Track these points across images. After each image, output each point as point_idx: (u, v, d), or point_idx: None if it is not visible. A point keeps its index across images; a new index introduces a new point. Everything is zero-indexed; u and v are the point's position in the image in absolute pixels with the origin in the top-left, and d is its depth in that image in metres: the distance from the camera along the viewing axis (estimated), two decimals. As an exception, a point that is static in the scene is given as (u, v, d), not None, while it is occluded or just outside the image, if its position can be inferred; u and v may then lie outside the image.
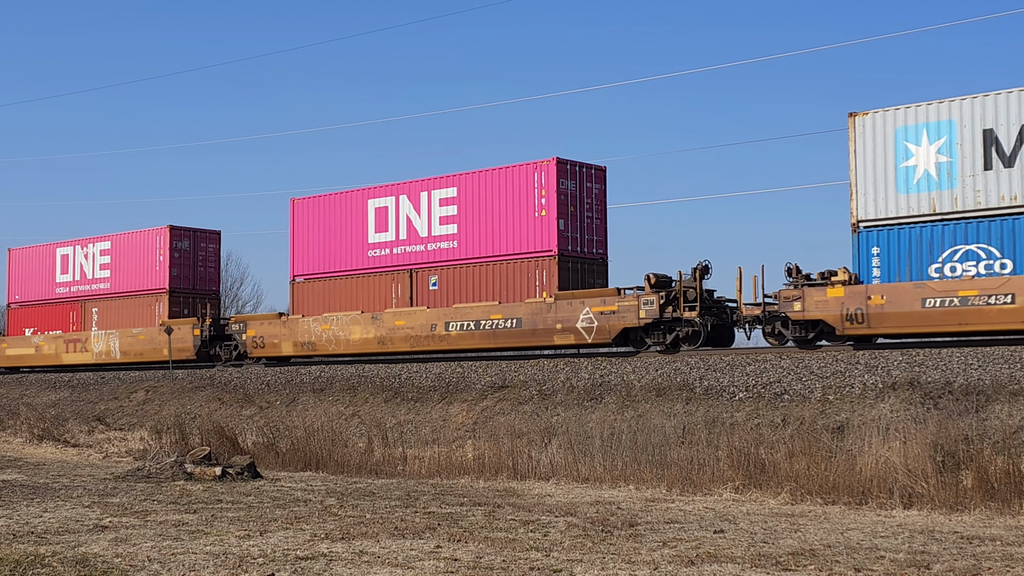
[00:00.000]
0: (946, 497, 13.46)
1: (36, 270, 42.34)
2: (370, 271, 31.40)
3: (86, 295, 40.25)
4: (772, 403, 20.82)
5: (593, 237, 28.55)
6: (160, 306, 37.51)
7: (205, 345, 35.31)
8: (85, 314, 40.18)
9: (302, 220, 33.42)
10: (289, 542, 10.66)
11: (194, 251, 38.50)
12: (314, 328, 31.89)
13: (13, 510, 13.25)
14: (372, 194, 31.72)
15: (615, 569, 9.21)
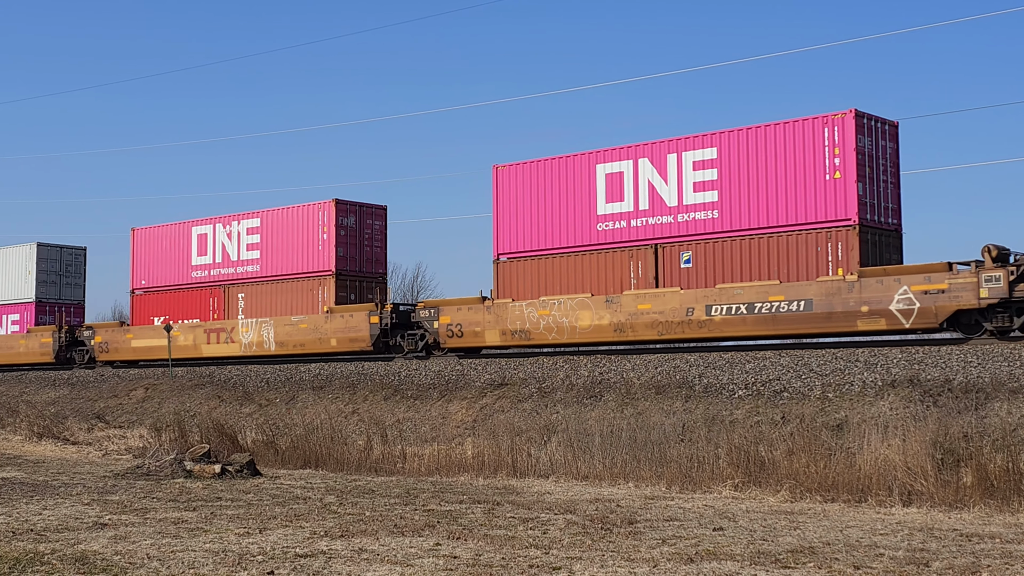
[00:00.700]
0: (945, 495, 13.47)
1: (166, 252, 37.67)
2: (599, 247, 26.98)
3: (230, 279, 35.42)
4: (771, 401, 20.82)
5: (889, 205, 24.72)
6: (324, 290, 32.66)
7: (385, 335, 30.62)
8: (228, 301, 35.33)
9: (507, 190, 28.87)
10: (288, 540, 10.66)
11: (360, 228, 33.64)
12: (529, 314, 27.56)
13: (12, 508, 13.25)
14: (601, 158, 27.22)
15: (614, 567, 9.21)
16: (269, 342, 33.54)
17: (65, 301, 44.13)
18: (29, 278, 43.23)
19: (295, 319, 32.93)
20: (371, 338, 30.85)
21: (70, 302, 44.27)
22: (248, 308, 34.73)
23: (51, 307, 43.43)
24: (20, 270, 43.65)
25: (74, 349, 40.41)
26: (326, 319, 31.96)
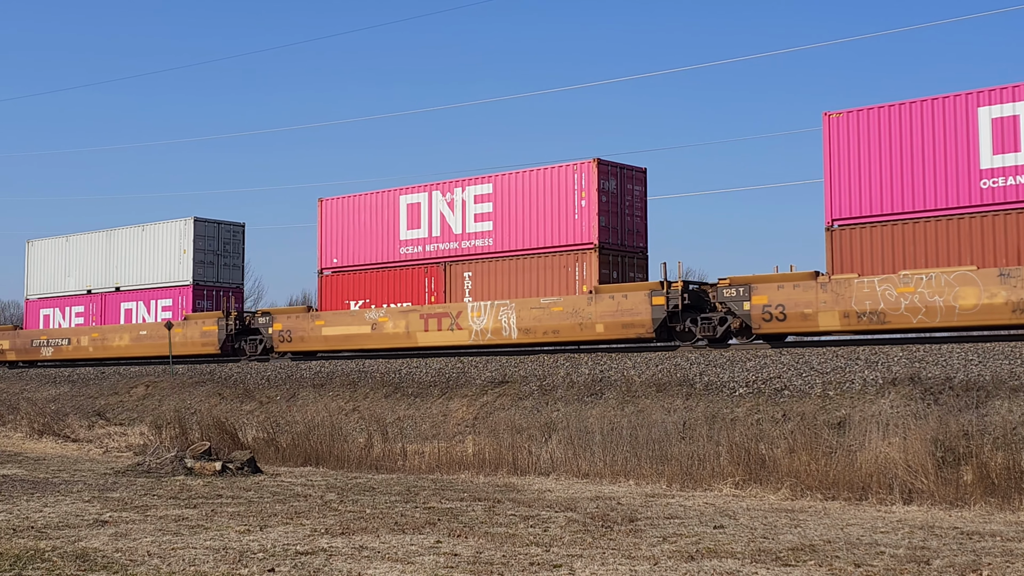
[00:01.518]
0: (946, 493, 13.47)
1: (366, 225, 31.99)
2: (985, 209, 22.28)
3: (452, 255, 29.82)
4: (772, 399, 20.82)
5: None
6: (583, 267, 27.52)
7: (671, 318, 25.95)
8: (450, 281, 29.75)
9: (842, 141, 24.23)
10: (289, 537, 10.66)
11: (621, 194, 28.46)
12: (883, 292, 22.98)
13: (13, 505, 13.25)
14: (985, 99, 22.82)
15: (615, 564, 9.21)
16: (510, 328, 27.97)
17: (223, 284, 38.41)
18: (185, 258, 37.51)
19: (545, 301, 27.68)
20: (652, 323, 26.00)
21: (228, 285, 38.47)
22: (477, 289, 29.15)
23: (209, 291, 37.77)
24: (174, 249, 37.90)
25: (244, 339, 34.62)
26: (589, 300, 26.84)
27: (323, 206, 32.98)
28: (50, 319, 41.31)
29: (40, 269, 42.15)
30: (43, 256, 42.18)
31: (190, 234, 37.55)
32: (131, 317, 38.58)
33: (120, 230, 39.83)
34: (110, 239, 39.96)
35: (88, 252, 40.64)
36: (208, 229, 38.23)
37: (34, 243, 42.63)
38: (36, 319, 42.04)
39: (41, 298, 42.00)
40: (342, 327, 31.21)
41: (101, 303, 39.74)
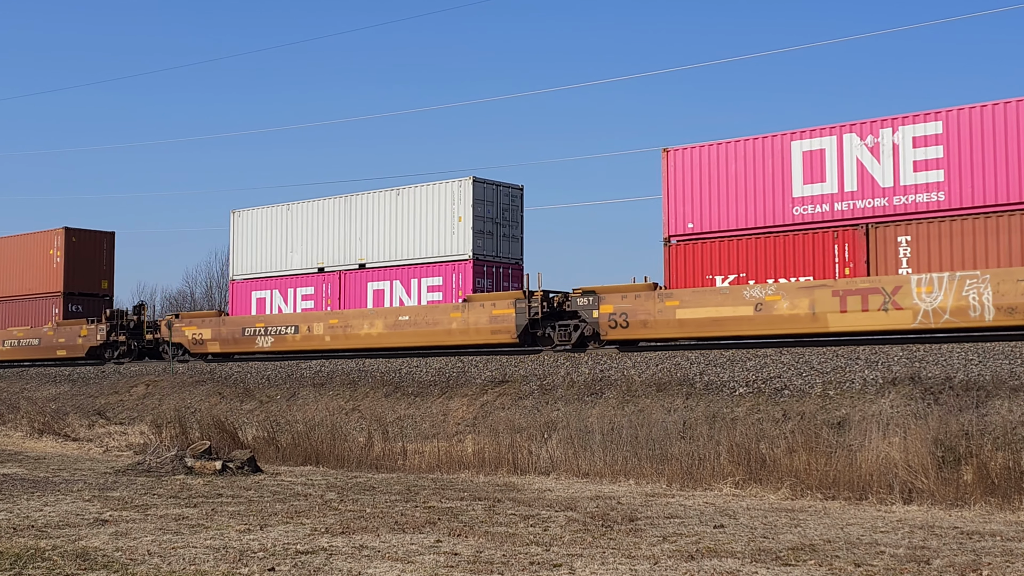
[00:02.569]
0: (946, 492, 13.47)
1: (738, 180, 26.00)
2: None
3: (878, 215, 24.19)
4: (772, 398, 20.82)
5: None
6: None
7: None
8: (876, 247, 23.95)
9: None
10: (289, 536, 10.66)
11: None
12: None
13: (13, 504, 13.25)
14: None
15: (615, 564, 9.21)
16: (982, 308, 21.55)
17: (503, 260, 31.35)
18: (460, 227, 30.46)
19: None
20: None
21: (507, 261, 31.49)
22: (917, 258, 23.38)
23: (489, 267, 30.91)
24: (445, 216, 30.88)
25: (550, 324, 28.12)
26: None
27: (669, 158, 27.18)
28: (266, 303, 34.57)
29: (251, 244, 35.39)
30: (256, 229, 35.42)
31: (468, 197, 30.36)
32: (382, 300, 31.69)
33: (367, 195, 32.74)
34: (351, 206, 33.02)
35: (319, 222, 33.76)
36: (486, 192, 30.97)
37: (241, 213, 35.76)
38: (245, 303, 35.24)
39: (253, 278, 35.14)
40: (707, 308, 25.02)
41: (339, 283, 32.90)
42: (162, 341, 36.88)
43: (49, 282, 41.41)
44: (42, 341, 40.39)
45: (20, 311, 42.35)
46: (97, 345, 38.57)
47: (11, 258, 43.00)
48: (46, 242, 41.80)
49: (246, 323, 34.30)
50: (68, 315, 40.66)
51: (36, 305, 41.80)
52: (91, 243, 42.02)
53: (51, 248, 41.51)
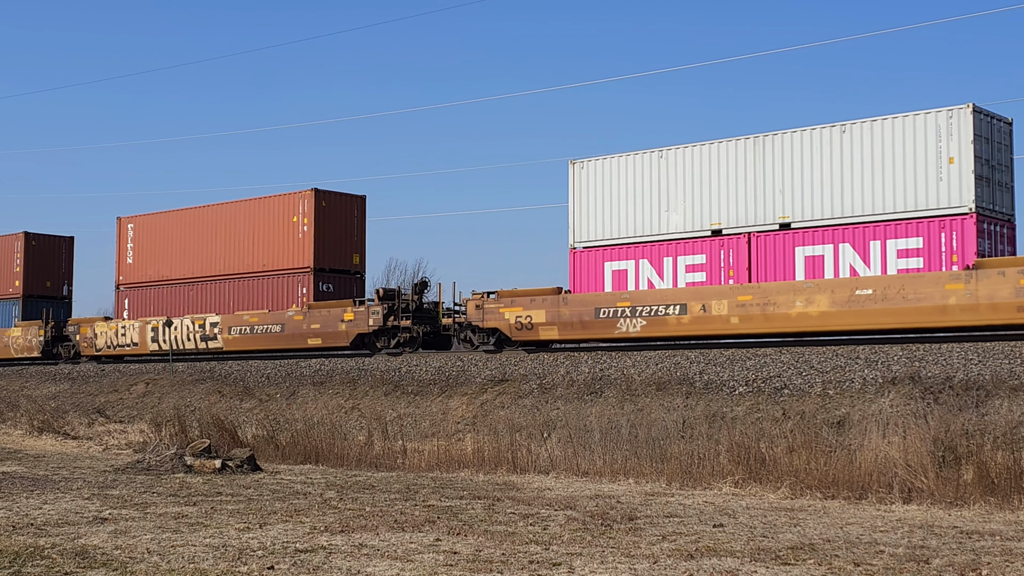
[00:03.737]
0: (946, 492, 13.47)
1: None
2: None
3: None
4: (772, 397, 20.82)
5: None
6: None
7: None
8: None
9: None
10: (289, 535, 10.66)
11: None
12: None
13: (13, 502, 13.25)
14: None
15: (614, 563, 9.21)
16: None
17: (999, 215, 23.74)
18: (952, 172, 22.97)
19: None
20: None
21: (1001, 217, 23.81)
22: None
23: (991, 224, 23.30)
24: (928, 155, 23.26)
25: None
26: None
27: None
28: (628, 277, 27.20)
29: (603, 203, 27.98)
30: (609, 183, 27.97)
31: (964, 130, 22.88)
32: (818, 269, 24.42)
33: (790, 134, 25.47)
34: (762, 149, 25.67)
35: (712, 172, 26.47)
36: (981, 124, 23.23)
37: (586, 165, 28.40)
38: (594, 278, 27.85)
39: (606, 246, 27.75)
40: None
41: (746, 249, 25.59)
42: (465, 326, 29.23)
43: (294, 255, 33.34)
44: (287, 327, 32.54)
45: (253, 292, 34.22)
46: (368, 332, 30.74)
47: (242, 227, 35.06)
48: (289, 207, 33.69)
49: (601, 302, 26.82)
50: (319, 296, 32.85)
51: (275, 284, 33.72)
52: (343, 208, 33.87)
53: (295, 214, 33.39)
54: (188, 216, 37.17)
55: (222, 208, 36.15)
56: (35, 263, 42.55)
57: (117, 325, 37.98)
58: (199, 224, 36.60)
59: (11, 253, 42.66)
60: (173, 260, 37.17)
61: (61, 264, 43.58)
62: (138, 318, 37.47)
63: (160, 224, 38.05)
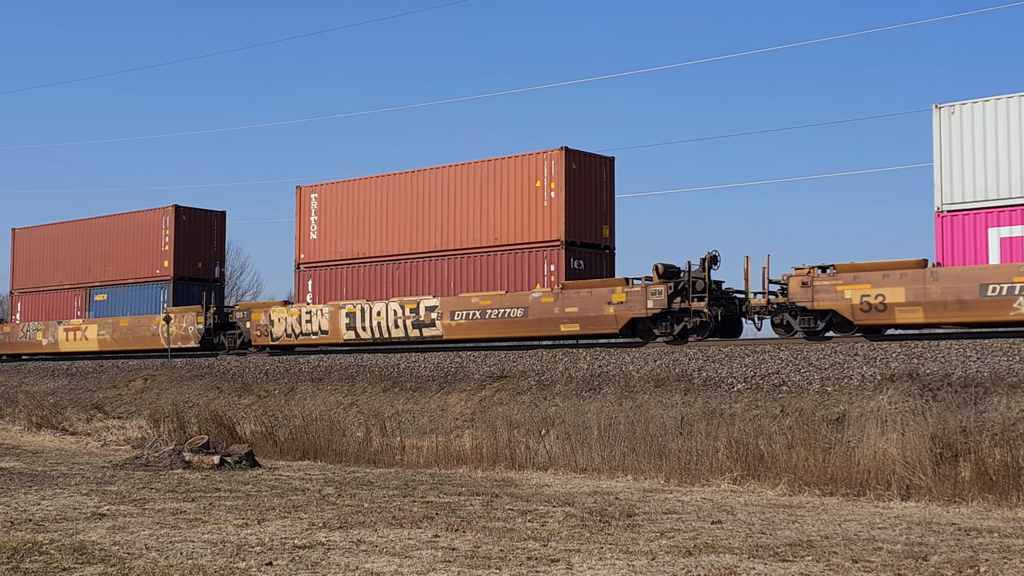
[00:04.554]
0: (944, 489, 13.48)
1: None
2: None
3: None
4: (770, 394, 20.82)
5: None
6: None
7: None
8: None
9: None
10: (287, 531, 10.66)
11: None
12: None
13: (11, 498, 13.25)
14: None
15: (613, 559, 9.21)
16: None
17: None
18: None
19: None
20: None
21: None
22: None
23: None
24: None
25: None
26: None
27: None
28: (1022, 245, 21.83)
29: (978, 156, 22.69)
30: (996, 127, 22.68)
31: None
32: None
33: None
34: None
35: None
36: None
37: (956, 108, 22.90)
38: (974, 247, 22.52)
39: (993, 207, 22.41)
40: None
41: None
42: (783, 308, 24.18)
43: (538, 227, 27.81)
44: (532, 311, 27.02)
45: (482, 271, 28.66)
46: (645, 316, 25.55)
47: (467, 194, 29.31)
48: (532, 169, 28.11)
49: (990, 276, 21.62)
50: (571, 275, 27.51)
51: (513, 261, 28.15)
52: (593, 171, 28.69)
53: (539, 178, 28.02)
54: (392, 183, 30.97)
55: (440, 172, 30.05)
56: (186, 241, 36.63)
57: (300, 311, 31.44)
58: (408, 192, 30.47)
59: (158, 230, 36.84)
60: (372, 235, 31.04)
61: (213, 242, 37.83)
62: (326, 302, 31.32)
63: (353, 194, 31.73)
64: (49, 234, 41.01)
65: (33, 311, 40.81)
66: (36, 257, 41.07)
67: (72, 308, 39.39)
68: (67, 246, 39.96)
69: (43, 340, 39.52)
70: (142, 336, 36.23)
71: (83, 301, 39.05)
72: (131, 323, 36.70)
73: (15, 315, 41.69)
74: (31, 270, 41.15)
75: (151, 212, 37.36)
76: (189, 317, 34.67)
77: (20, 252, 41.73)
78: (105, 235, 38.60)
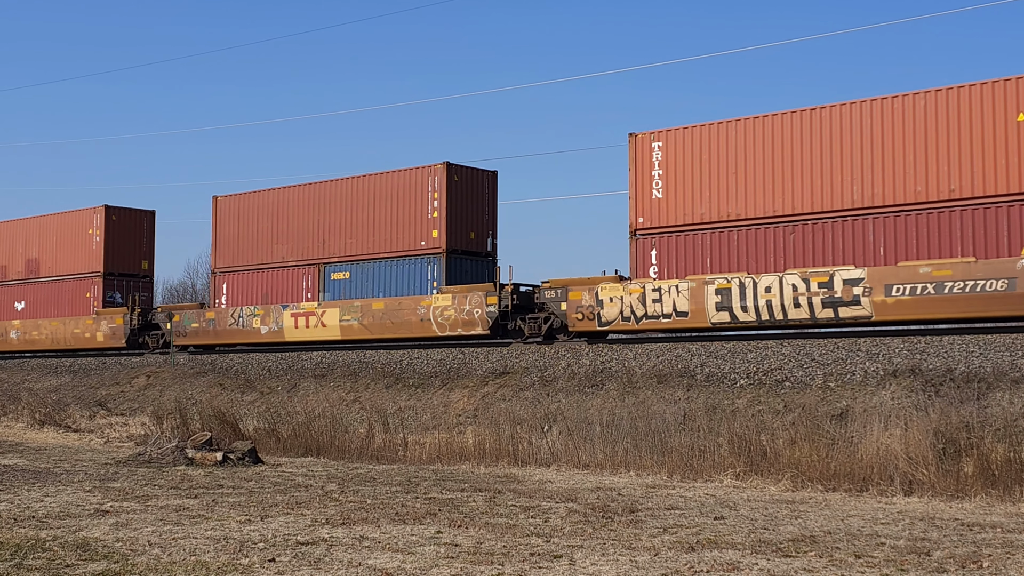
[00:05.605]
0: (947, 484, 13.47)
1: None
2: None
3: None
4: (773, 390, 20.81)
5: None
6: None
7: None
8: None
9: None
10: (290, 527, 10.67)
11: None
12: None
13: (14, 494, 13.26)
14: None
15: (615, 555, 9.21)
16: None
17: None
18: None
19: None
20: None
21: None
22: None
23: None
24: None
25: None
26: None
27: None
28: None
29: None
30: None
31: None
32: None
33: None
34: None
35: None
36: None
37: None
38: None
39: None
40: None
41: None
42: None
43: None
44: (1020, 283, 20.67)
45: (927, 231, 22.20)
46: None
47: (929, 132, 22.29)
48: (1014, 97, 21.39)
49: None
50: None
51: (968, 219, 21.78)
52: None
53: None
54: (779, 124, 24.33)
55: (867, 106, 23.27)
56: (458, 206, 29.59)
57: (645, 287, 25.34)
58: (804, 136, 23.80)
59: (424, 193, 29.58)
60: (748, 191, 24.61)
61: (485, 208, 30.61)
62: (683, 276, 25.05)
63: (716, 140, 25.29)
64: (265, 202, 33.62)
65: (243, 293, 33.71)
66: (248, 230, 33.81)
67: (298, 289, 32.07)
68: (292, 215, 32.60)
69: (262, 328, 32.32)
70: (404, 322, 29.09)
71: (314, 280, 31.60)
72: (388, 306, 29.48)
73: (220, 299, 34.27)
74: (240, 245, 33.93)
75: (418, 170, 29.86)
76: (475, 297, 27.66)
77: (224, 224, 34.49)
78: (349, 201, 31.27)
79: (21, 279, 40.89)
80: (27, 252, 40.77)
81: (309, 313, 31.32)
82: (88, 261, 38.63)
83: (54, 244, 39.93)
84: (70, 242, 39.36)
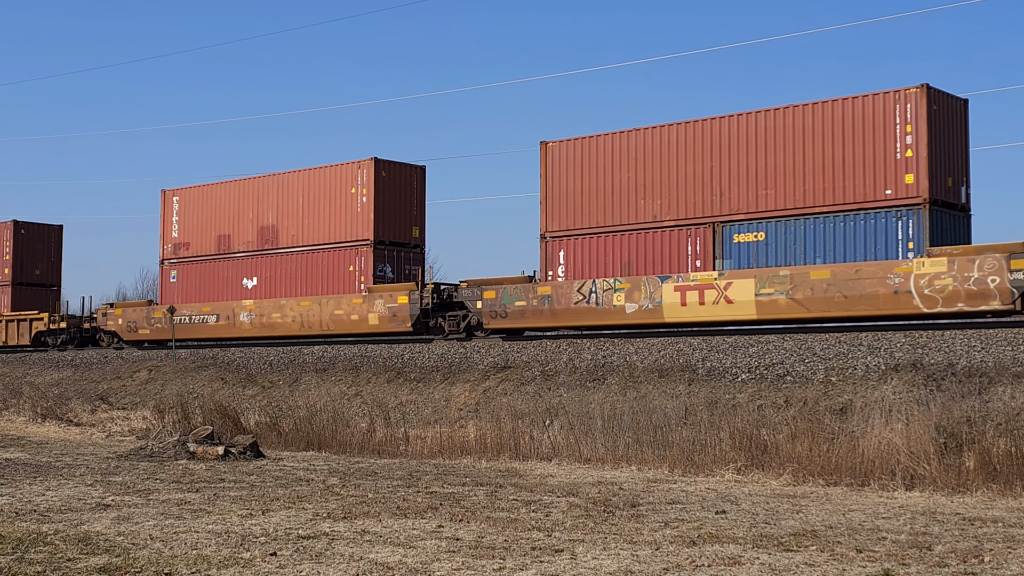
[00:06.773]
0: (948, 479, 13.47)
1: None
2: None
3: None
4: (774, 384, 20.81)
5: None
6: None
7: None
8: None
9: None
10: (291, 521, 10.68)
11: None
12: None
13: (16, 488, 13.28)
14: None
15: (617, 549, 9.21)
16: None
17: None
18: None
19: None
20: None
21: None
22: None
23: None
24: None
25: None
26: None
27: None
28: None
29: None
30: None
31: None
32: None
33: None
34: None
35: None
36: None
37: None
38: None
39: None
40: None
41: None
42: None
43: None
44: None
45: None
46: None
47: None
48: None
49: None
50: None
51: None
52: None
53: None
54: None
55: None
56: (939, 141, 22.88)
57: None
58: None
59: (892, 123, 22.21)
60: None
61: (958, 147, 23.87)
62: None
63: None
64: (622, 147, 26.74)
65: (590, 264, 26.99)
66: (597, 183, 27.05)
67: (679, 256, 25.53)
68: (667, 161, 25.96)
69: (627, 305, 25.66)
70: (870, 295, 22.50)
71: (705, 244, 25.06)
72: (836, 273, 22.86)
73: (554, 269, 27.61)
74: (586, 202, 27.20)
75: (879, 95, 22.88)
76: (990, 262, 20.70)
77: (559, 177, 27.63)
78: (766, 139, 24.36)
79: (252, 251, 33.89)
80: (260, 218, 33.80)
81: (705, 286, 24.54)
82: (351, 227, 31.41)
83: (300, 208, 32.79)
84: (325, 204, 32.22)
